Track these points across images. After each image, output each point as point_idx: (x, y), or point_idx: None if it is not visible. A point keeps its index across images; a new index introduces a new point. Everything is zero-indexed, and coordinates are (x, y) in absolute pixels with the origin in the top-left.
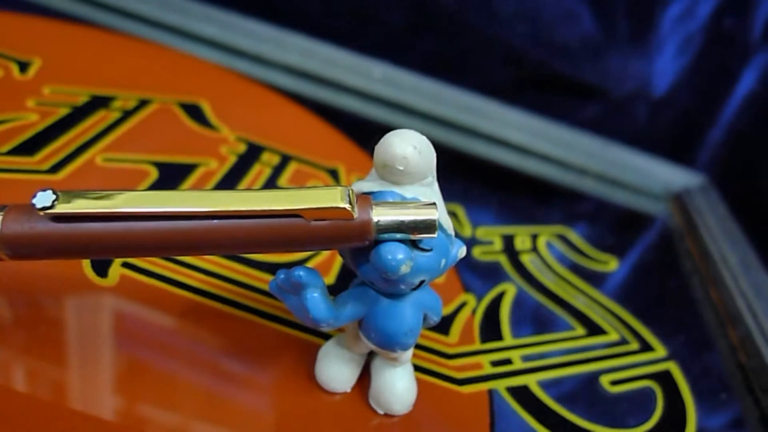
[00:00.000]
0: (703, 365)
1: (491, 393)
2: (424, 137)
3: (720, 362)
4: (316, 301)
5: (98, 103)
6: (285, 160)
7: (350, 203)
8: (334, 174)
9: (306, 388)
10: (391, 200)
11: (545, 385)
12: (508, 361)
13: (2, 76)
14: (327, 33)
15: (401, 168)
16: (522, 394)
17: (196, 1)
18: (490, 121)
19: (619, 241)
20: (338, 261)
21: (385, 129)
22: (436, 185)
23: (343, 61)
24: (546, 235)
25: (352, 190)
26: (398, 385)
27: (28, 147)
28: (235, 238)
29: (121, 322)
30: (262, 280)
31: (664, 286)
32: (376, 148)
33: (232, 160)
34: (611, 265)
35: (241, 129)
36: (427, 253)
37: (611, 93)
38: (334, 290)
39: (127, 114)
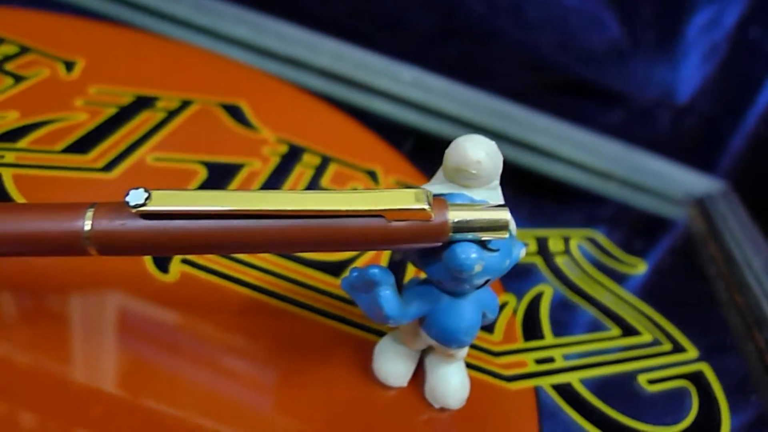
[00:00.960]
0: (731, 367)
1: (537, 390)
2: (493, 142)
3: (747, 365)
4: (389, 298)
5: (143, 103)
6: (325, 161)
7: (429, 205)
8: (372, 175)
9: (363, 383)
10: (462, 202)
11: (587, 383)
12: (550, 360)
13: (50, 76)
14: (355, 36)
15: (474, 172)
16: (566, 392)
17: (229, 3)
18: (517, 125)
19: (640, 244)
20: (384, 260)
21: (414, 132)
22: (499, 189)
23: (374, 64)
24: (576, 237)
25: (429, 192)
26: (453, 381)
27: (81, 146)
28: (321, 237)
29: (182, 316)
30: (314, 278)
31: (687, 289)
32: (448, 152)
33: (275, 160)
34: (639, 268)
35: (280, 130)
36: (495, 254)
37: (635, 99)
38: None
39: (171, 114)
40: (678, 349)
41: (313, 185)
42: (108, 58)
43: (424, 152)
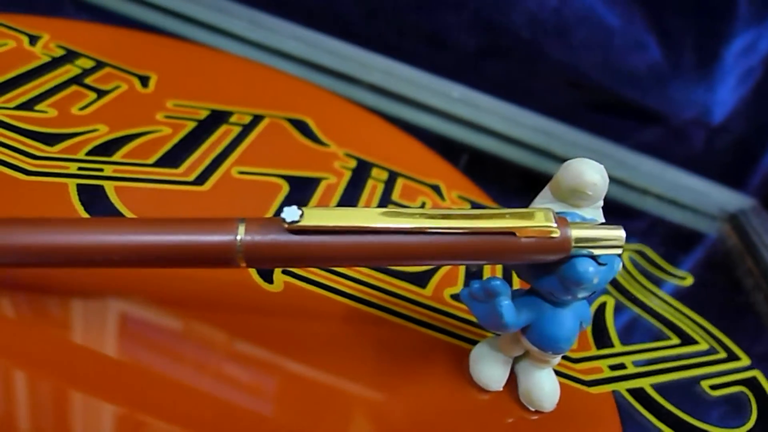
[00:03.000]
0: None
1: (614, 394)
2: (602, 166)
3: None
4: (509, 308)
5: (218, 117)
6: (392, 175)
7: (555, 223)
8: (436, 189)
9: (458, 386)
10: (579, 221)
11: (657, 388)
12: (622, 366)
13: (128, 90)
14: (403, 54)
15: (590, 193)
16: (640, 396)
17: (283, 19)
18: (558, 142)
19: (676, 257)
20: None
21: (462, 147)
22: (601, 209)
23: (421, 80)
24: (628, 251)
25: (554, 212)
26: (546, 386)
27: (171, 159)
28: (459, 252)
29: (289, 323)
30: (402, 287)
31: (728, 300)
32: (564, 174)
33: (347, 175)
34: (687, 281)
35: (346, 145)
36: (604, 267)
37: (671, 119)
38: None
39: (245, 129)
40: (732, 357)
41: (386, 199)
42: (177, 72)
43: (476, 166)
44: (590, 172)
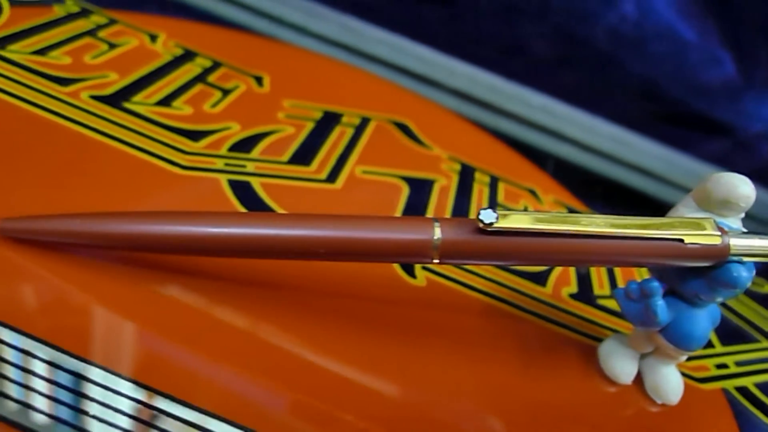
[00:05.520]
0: None
1: (724, 391)
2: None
3: None
4: (663, 307)
5: (331, 118)
6: (493, 180)
7: (719, 232)
8: (533, 193)
9: (588, 379)
10: (732, 230)
11: (760, 387)
12: (725, 365)
13: (246, 89)
14: (476, 60)
15: (743, 205)
16: (747, 394)
17: (372, 25)
18: (628, 149)
19: None
20: None
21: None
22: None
23: (503, 87)
24: None
25: (716, 221)
26: (673, 380)
27: (301, 156)
28: (635, 255)
29: (435, 315)
30: (526, 286)
31: None
32: (716, 186)
33: (455, 177)
34: (765, 288)
35: (447, 148)
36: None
37: (739, 131)
38: None
39: (357, 129)
40: None
41: (493, 202)
42: (285, 73)
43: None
44: (744, 186)
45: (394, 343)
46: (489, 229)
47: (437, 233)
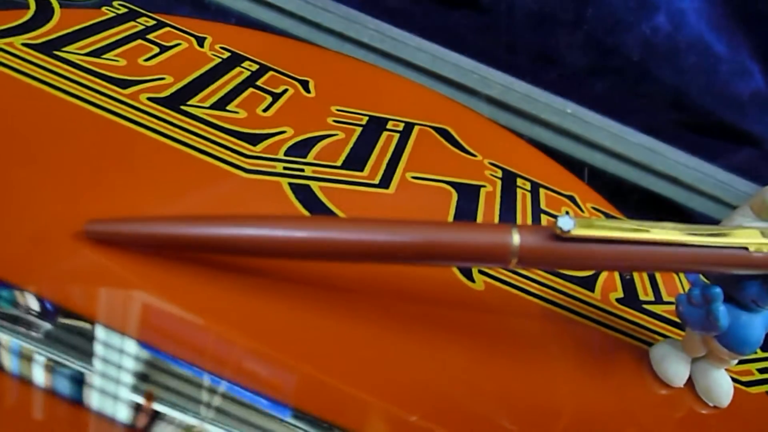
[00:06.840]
0: None
1: None
2: None
3: None
4: (724, 313)
5: (377, 123)
6: (534, 186)
7: None
8: (572, 200)
9: (641, 380)
10: None
11: None
12: (767, 370)
13: (294, 94)
14: (509, 68)
15: None
16: None
17: (409, 33)
18: (658, 157)
19: None
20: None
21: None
22: None
23: (536, 95)
24: None
25: None
26: (724, 383)
27: (354, 161)
28: (705, 262)
29: (494, 317)
30: (575, 290)
31: None
32: None
33: (498, 183)
34: None
35: (488, 155)
36: None
37: (766, 142)
38: None
39: (402, 135)
40: None
41: (537, 208)
42: (329, 78)
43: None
44: None
45: (458, 345)
46: (566, 236)
47: (516, 239)
